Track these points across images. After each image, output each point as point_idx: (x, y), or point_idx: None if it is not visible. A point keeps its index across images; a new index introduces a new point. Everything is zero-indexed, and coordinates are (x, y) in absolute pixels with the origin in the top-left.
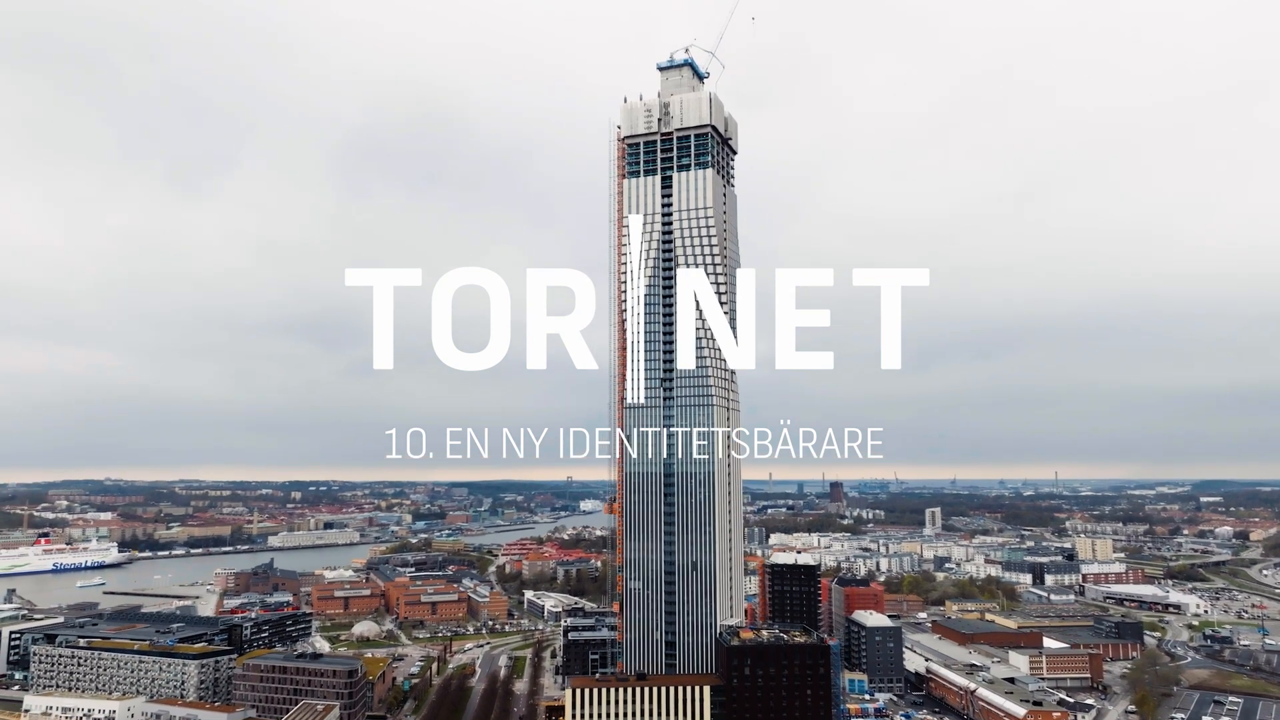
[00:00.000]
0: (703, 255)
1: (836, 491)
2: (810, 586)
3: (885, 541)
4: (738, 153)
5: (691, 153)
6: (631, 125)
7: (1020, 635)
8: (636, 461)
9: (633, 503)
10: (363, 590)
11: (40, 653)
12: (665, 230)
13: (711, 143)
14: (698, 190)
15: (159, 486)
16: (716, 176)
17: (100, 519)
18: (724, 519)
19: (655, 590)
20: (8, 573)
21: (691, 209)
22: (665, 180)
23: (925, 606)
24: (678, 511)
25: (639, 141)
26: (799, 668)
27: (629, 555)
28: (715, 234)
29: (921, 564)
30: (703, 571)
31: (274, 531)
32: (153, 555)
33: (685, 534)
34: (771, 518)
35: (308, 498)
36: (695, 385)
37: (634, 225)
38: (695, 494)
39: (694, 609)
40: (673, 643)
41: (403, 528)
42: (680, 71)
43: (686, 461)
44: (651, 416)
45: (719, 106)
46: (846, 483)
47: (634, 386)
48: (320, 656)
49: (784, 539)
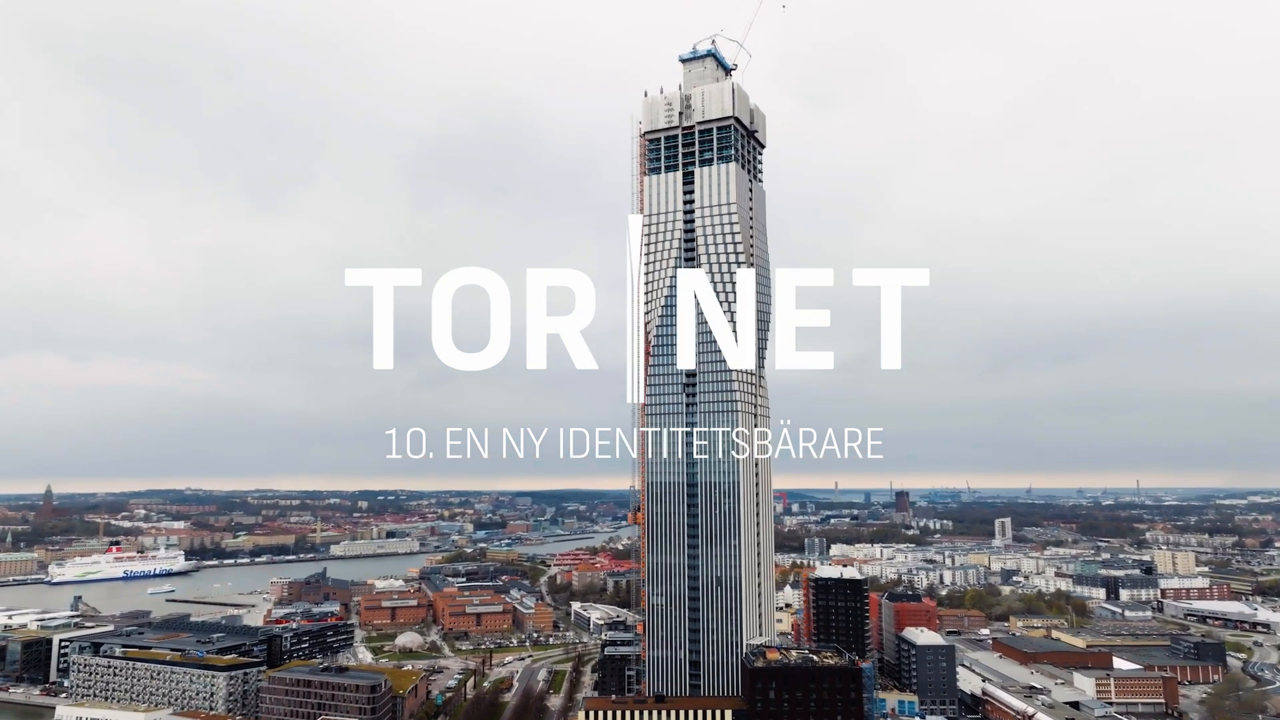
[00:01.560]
0: (725, 253)
1: (902, 501)
2: (856, 601)
3: (951, 553)
4: (765, 146)
5: (714, 147)
6: (651, 120)
7: (1088, 655)
8: (657, 469)
9: (654, 512)
10: (410, 600)
11: (79, 662)
12: (687, 227)
13: (735, 136)
14: (720, 185)
15: (234, 496)
16: (740, 171)
17: (173, 528)
18: (750, 530)
19: (678, 606)
20: (81, 579)
21: (714, 205)
22: (687, 176)
23: (988, 622)
24: (701, 522)
25: (659, 136)
26: (828, 691)
27: (651, 568)
28: (739, 231)
29: (988, 577)
30: (727, 586)
31: (336, 540)
32: (219, 563)
33: (709, 546)
34: (834, 528)
35: (373, 507)
36: (718, 388)
37: (633, 226)
38: (719, 504)
39: (719, 626)
40: (697, 662)
41: (463, 537)
42: (703, 63)
43: (709, 469)
44: (672, 421)
45: (743, 98)
46: (916, 492)
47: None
48: (346, 670)
49: (845, 550)
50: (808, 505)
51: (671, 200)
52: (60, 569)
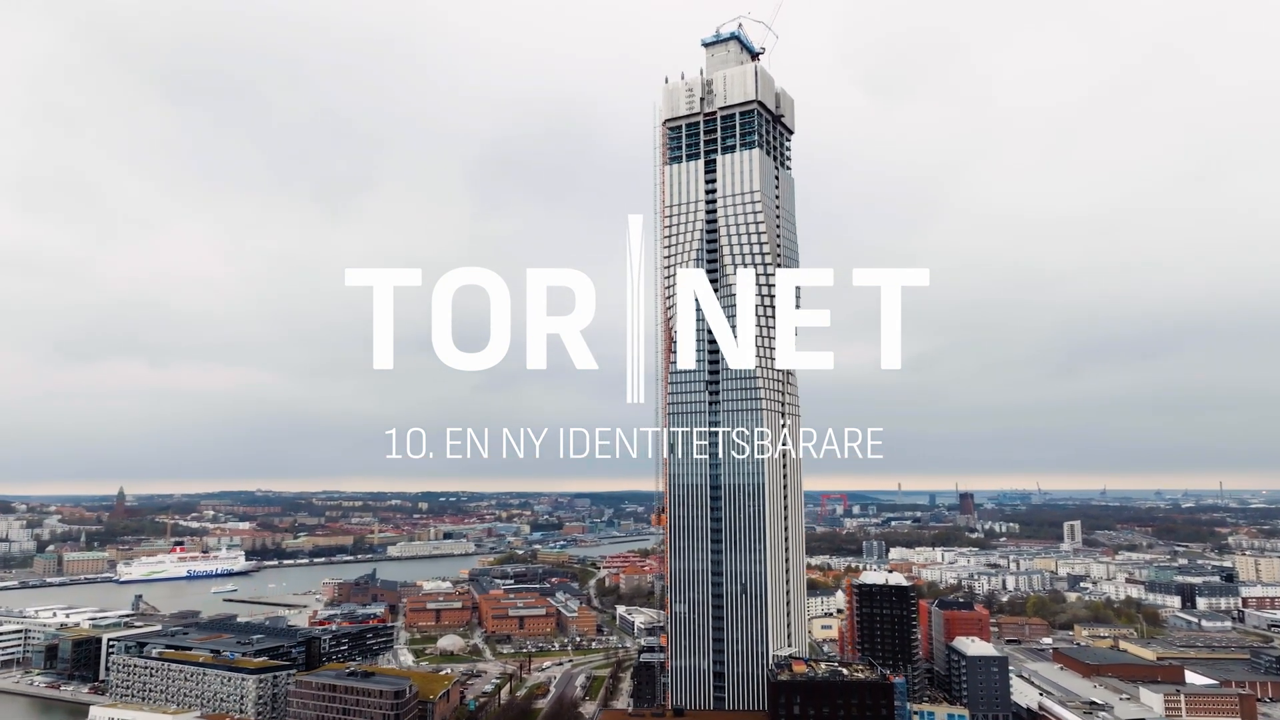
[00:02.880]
0: (747, 243)
1: (966, 503)
2: (903, 609)
3: (1016, 557)
4: (794, 132)
5: (736, 133)
6: (672, 107)
7: (1157, 668)
8: (678, 470)
9: (677, 516)
10: (454, 603)
11: (118, 662)
12: (709, 218)
13: (759, 121)
14: (743, 173)
15: (300, 498)
16: (765, 157)
17: (238, 529)
18: (777, 535)
19: (701, 614)
20: (147, 578)
21: (736, 194)
22: (709, 164)
23: (1050, 631)
24: (724, 526)
25: (680, 124)
26: (857, 707)
27: (674, 575)
28: (764, 221)
29: (1053, 582)
30: (752, 594)
31: (393, 541)
32: (278, 564)
33: (732, 551)
34: (894, 531)
35: (433, 508)
36: (741, 386)
37: (633, 226)
38: (743, 507)
39: (743, 636)
40: (721, 673)
41: (518, 538)
42: (726, 47)
43: (733, 470)
44: (695, 421)
45: (767, 81)
46: (984, 494)
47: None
48: (372, 675)
49: (905, 553)
50: (869, 507)
51: (692, 190)
52: (128, 568)
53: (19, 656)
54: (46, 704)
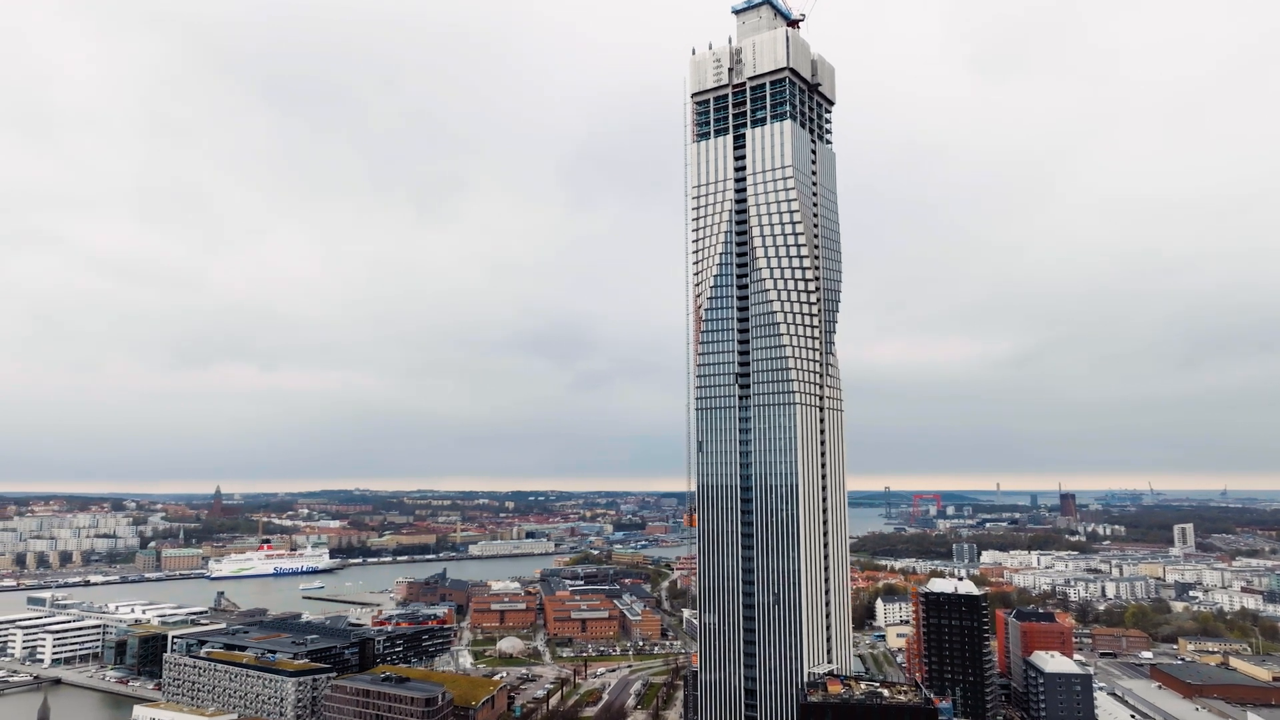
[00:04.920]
0: (779, 222)
1: (1068, 503)
2: (973, 620)
3: (1120, 562)
4: (835, 103)
5: (767, 104)
6: (699, 80)
7: (1272, 690)
8: (707, 468)
9: (706, 520)
10: (519, 604)
11: (171, 661)
12: (738, 198)
13: (791, 90)
14: (773, 147)
15: (394, 497)
16: (799, 130)
17: (328, 527)
18: (812, 540)
19: (732, 626)
20: (236, 575)
21: (766, 170)
22: (738, 139)
23: (1151, 644)
24: (756, 530)
25: (708, 97)
26: None
27: (703, 583)
28: (797, 199)
29: (1158, 590)
30: (786, 605)
31: (475, 540)
32: (362, 561)
33: (765, 558)
34: (987, 533)
35: (520, 507)
36: (773, 377)
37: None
38: (776, 509)
39: (777, 651)
40: (753, 690)
41: (599, 538)
42: (758, 12)
43: (765, 469)
44: (724, 416)
45: (801, 47)
46: (1090, 494)
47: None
48: (406, 681)
49: (997, 557)
50: (964, 508)
51: (721, 168)
52: (218, 565)
53: (97, 651)
54: (116, 699)
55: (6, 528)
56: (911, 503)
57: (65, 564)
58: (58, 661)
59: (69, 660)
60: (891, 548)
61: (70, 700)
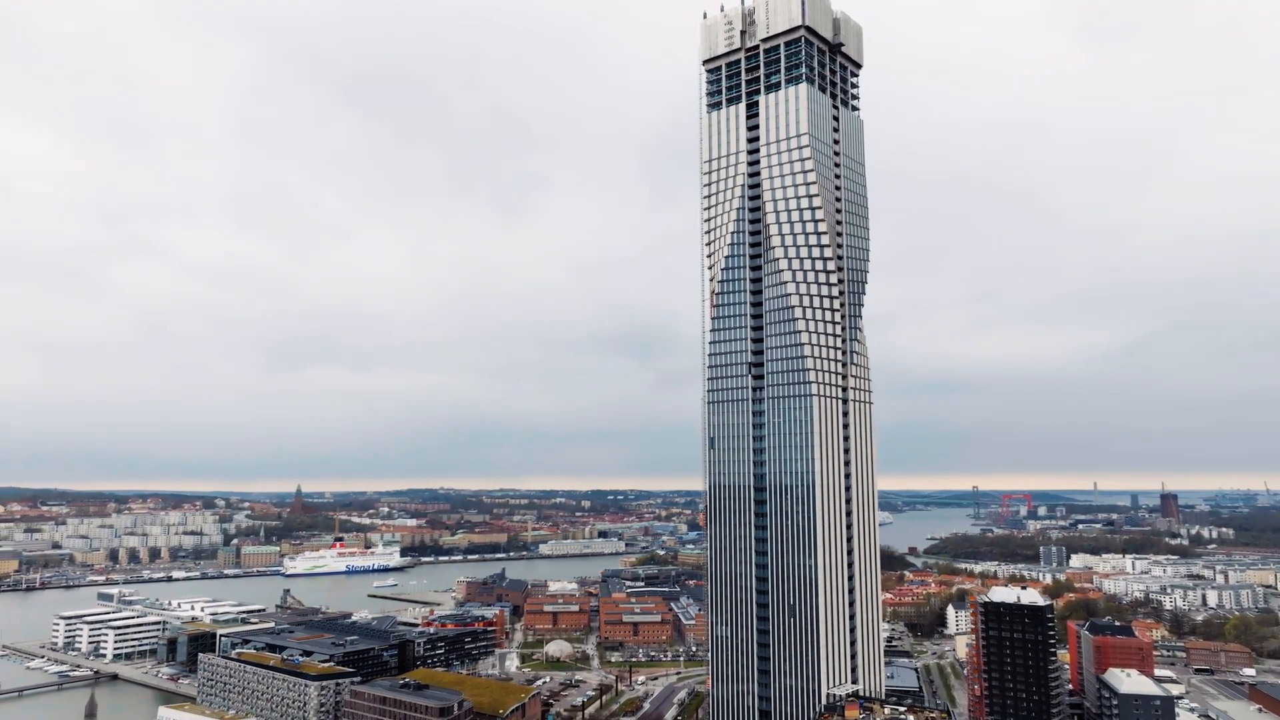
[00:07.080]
0: (795, 196)
1: (1169, 504)
2: (1038, 633)
3: (1224, 568)
4: (862, 65)
5: (781, 66)
6: (710, 45)
7: None
8: (718, 467)
9: (716, 523)
10: (571, 606)
11: (205, 661)
12: (751, 172)
13: (808, 50)
14: (788, 114)
15: (473, 495)
16: (818, 94)
17: (404, 525)
18: (831, 546)
19: (745, 640)
20: (309, 573)
21: (781, 139)
22: (751, 107)
23: (1253, 660)
24: (770, 535)
25: (720, 64)
26: None
27: (713, 591)
28: (814, 170)
29: (1267, 599)
30: (803, 618)
31: (546, 539)
32: (434, 560)
33: (779, 567)
34: (1079, 535)
35: (596, 506)
36: (788, 366)
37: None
38: (791, 512)
39: (793, 667)
40: (767, 711)
41: (673, 538)
42: None
43: (780, 467)
44: (737, 410)
45: (820, 3)
46: (1198, 494)
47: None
48: (426, 688)
49: (1089, 560)
50: (1057, 508)
51: (733, 139)
52: (292, 563)
53: (155, 648)
54: (167, 696)
55: (105, 524)
56: (1000, 503)
57: (154, 560)
58: (119, 657)
59: (129, 656)
60: (974, 550)
61: (122, 696)
